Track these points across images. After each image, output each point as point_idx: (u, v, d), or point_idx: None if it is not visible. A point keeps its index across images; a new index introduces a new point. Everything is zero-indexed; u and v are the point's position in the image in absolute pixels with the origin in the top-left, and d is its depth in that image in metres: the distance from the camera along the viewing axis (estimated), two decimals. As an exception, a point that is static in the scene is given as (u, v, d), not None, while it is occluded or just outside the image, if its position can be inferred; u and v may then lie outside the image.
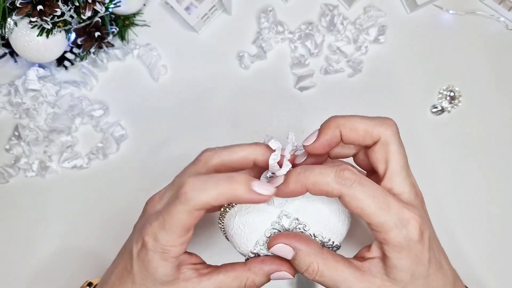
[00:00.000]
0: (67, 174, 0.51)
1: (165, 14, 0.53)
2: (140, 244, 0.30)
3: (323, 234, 0.31)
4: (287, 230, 0.30)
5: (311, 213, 0.31)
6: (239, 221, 0.31)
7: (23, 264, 0.50)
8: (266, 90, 0.52)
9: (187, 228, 0.29)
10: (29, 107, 0.51)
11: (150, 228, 0.30)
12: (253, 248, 0.32)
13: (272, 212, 0.31)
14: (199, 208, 0.28)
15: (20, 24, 0.43)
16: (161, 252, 0.29)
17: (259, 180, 0.29)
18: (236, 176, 0.28)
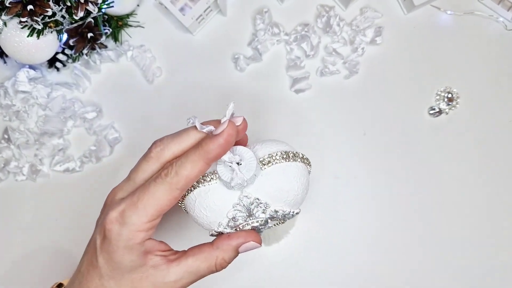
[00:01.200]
0: (59, 177, 0.50)
1: (159, 15, 0.53)
2: (102, 235, 0.30)
3: (284, 208, 0.32)
4: (249, 209, 0.31)
5: (270, 191, 0.31)
6: (200, 205, 0.32)
7: (14, 269, 0.49)
8: (262, 92, 0.51)
9: (161, 209, 0.29)
10: (20, 109, 0.50)
11: (114, 213, 0.29)
12: (216, 228, 0.32)
13: (232, 194, 0.31)
14: (182, 186, 0.29)
15: (9, 24, 0.42)
16: (125, 239, 0.29)
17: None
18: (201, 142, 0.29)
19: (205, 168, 0.29)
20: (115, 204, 0.30)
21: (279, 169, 0.32)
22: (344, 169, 0.50)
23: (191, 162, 0.29)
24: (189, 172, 0.29)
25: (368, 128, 0.51)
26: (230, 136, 0.29)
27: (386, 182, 0.50)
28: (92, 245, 0.31)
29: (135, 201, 0.29)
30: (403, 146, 0.50)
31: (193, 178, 0.29)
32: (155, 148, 0.32)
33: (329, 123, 0.51)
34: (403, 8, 0.52)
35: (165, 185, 0.29)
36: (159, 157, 0.31)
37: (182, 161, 0.29)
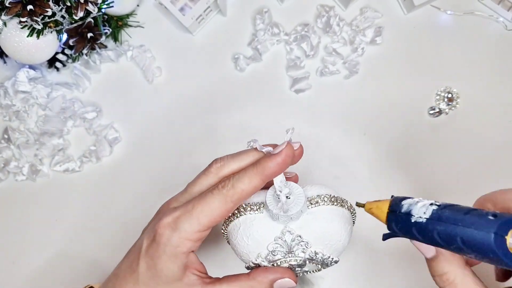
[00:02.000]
0: (58, 177, 0.50)
1: (159, 15, 0.53)
2: (151, 239, 0.30)
3: (324, 252, 0.32)
4: (290, 246, 0.31)
5: (314, 231, 0.31)
6: (243, 233, 0.32)
7: (13, 269, 0.49)
8: (262, 92, 0.51)
9: (214, 220, 0.30)
10: (19, 109, 0.50)
11: (168, 218, 0.30)
12: (254, 259, 0.32)
13: (276, 227, 0.31)
14: (236, 199, 0.30)
15: (9, 24, 0.42)
16: (174, 245, 0.29)
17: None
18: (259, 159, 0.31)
19: (260, 184, 0.30)
20: (169, 211, 0.31)
21: (326, 211, 0.32)
22: (344, 169, 0.50)
23: (248, 177, 0.30)
24: (245, 186, 0.30)
25: (368, 128, 0.50)
26: (287, 156, 0.30)
27: (386, 182, 0.50)
28: (136, 249, 0.32)
29: (189, 209, 0.30)
30: (403, 146, 0.50)
31: (248, 193, 0.30)
32: (215, 164, 0.33)
33: (329, 123, 0.51)
34: (403, 8, 0.52)
35: (220, 196, 0.30)
36: (218, 172, 0.32)
37: (239, 176, 0.30)
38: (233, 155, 0.33)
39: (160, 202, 0.51)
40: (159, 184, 0.50)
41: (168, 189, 0.50)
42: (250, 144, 0.32)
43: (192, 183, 0.33)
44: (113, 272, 0.33)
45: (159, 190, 0.50)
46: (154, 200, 0.50)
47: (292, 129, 0.32)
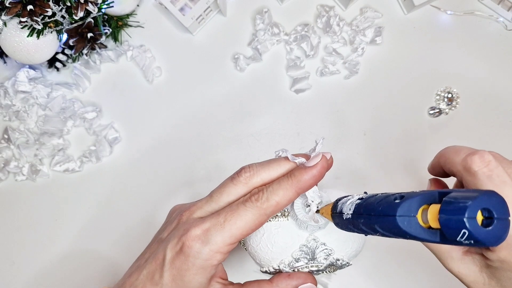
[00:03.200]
0: (58, 177, 0.50)
1: (159, 15, 0.52)
2: (177, 250, 0.29)
3: (344, 258, 0.32)
4: (313, 253, 0.32)
5: (337, 239, 0.32)
6: (267, 240, 0.32)
7: (13, 269, 0.49)
8: (262, 92, 0.51)
9: (246, 233, 0.29)
10: (19, 109, 0.50)
11: (196, 230, 0.29)
12: (276, 265, 0.32)
13: (301, 235, 0.32)
14: (270, 212, 0.29)
15: (9, 24, 0.42)
16: (204, 259, 0.28)
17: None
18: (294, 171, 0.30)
19: (295, 197, 0.29)
20: (196, 222, 0.29)
21: None
22: (344, 169, 0.50)
23: (283, 190, 0.29)
24: (280, 199, 0.29)
25: (368, 128, 0.50)
26: (323, 168, 0.29)
27: (386, 182, 0.50)
28: (158, 260, 0.30)
29: (221, 221, 0.29)
30: (403, 146, 0.50)
31: (283, 206, 0.29)
32: (245, 173, 0.31)
33: (329, 123, 0.51)
34: (403, 8, 0.52)
35: (254, 210, 0.29)
36: (247, 182, 0.31)
37: (274, 188, 0.29)
38: (263, 164, 0.31)
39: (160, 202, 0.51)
40: (159, 183, 0.50)
41: (168, 189, 0.50)
42: (278, 154, 0.31)
43: (219, 191, 0.31)
44: (127, 282, 0.31)
45: (159, 189, 0.50)
46: (154, 199, 0.50)
47: (323, 139, 0.31)
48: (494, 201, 0.20)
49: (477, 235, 0.19)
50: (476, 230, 0.19)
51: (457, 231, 0.20)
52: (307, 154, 0.31)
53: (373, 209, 0.24)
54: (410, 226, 0.22)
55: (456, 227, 0.20)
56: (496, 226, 0.20)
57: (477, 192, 0.20)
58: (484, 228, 0.20)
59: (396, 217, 0.22)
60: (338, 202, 0.29)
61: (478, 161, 0.28)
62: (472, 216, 0.19)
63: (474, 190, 0.21)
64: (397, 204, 0.22)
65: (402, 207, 0.22)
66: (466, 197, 0.20)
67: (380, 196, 0.25)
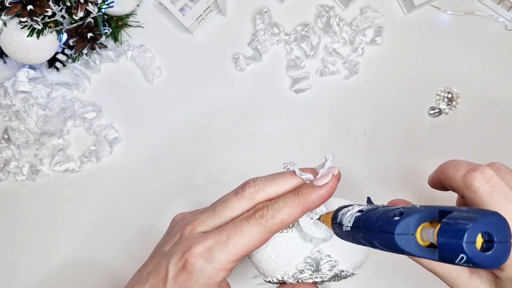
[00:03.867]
0: (58, 177, 0.50)
1: (159, 15, 0.52)
2: (180, 267, 0.28)
3: (349, 269, 0.32)
4: (318, 264, 0.31)
5: (342, 251, 0.32)
6: (272, 251, 0.31)
7: (13, 269, 0.49)
8: (262, 92, 0.51)
9: (250, 250, 0.28)
10: (19, 109, 0.50)
11: (199, 248, 0.28)
12: (280, 276, 0.32)
13: (306, 247, 0.31)
14: (275, 230, 0.28)
15: (9, 24, 0.42)
16: (207, 276, 0.28)
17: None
18: (301, 189, 0.29)
19: (300, 215, 0.29)
20: (199, 238, 0.29)
21: None
22: (344, 169, 0.50)
23: (290, 208, 0.28)
24: (286, 217, 0.28)
25: (368, 128, 0.50)
26: (332, 189, 0.29)
27: (386, 182, 0.50)
28: (160, 275, 0.29)
29: (224, 239, 0.28)
30: (403, 146, 0.50)
31: (287, 224, 0.29)
32: (249, 189, 0.30)
33: (329, 123, 0.51)
34: (403, 8, 0.52)
35: (259, 227, 0.28)
36: (252, 197, 0.30)
37: (279, 205, 0.28)
38: (268, 178, 0.30)
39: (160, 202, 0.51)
40: (159, 184, 0.50)
41: (168, 188, 0.50)
42: (286, 167, 0.31)
43: (222, 205, 0.30)
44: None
45: (159, 190, 0.50)
46: (154, 199, 0.50)
47: (333, 156, 0.30)
48: (495, 223, 0.19)
49: (476, 260, 0.19)
50: (475, 255, 0.19)
51: (455, 254, 0.19)
52: (315, 169, 0.30)
53: (372, 224, 0.24)
54: (408, 244, 0.22)
55: (454, 250, 0.19)
56: (496, 250, 0.19)
57: (478, 213, 0.19)
58: (483, 253, 0.19)
59: (394, 234, 0.22)
60: (338, 213, 0.28)
61: (479, 177, 0.27)
62: (471, 240, 0.19)
63: (475, 210, 0.20)
64: (396, 221, 0.22)
65: (401, 225, 0.22)
66: (466, 219, 0.19)
67: (379, 210, 0.25)
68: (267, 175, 0.31)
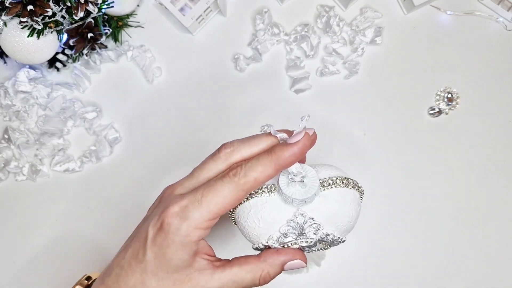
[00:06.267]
0: (59, 177, 0.50)
1: (159, 15, 0.53)
2: (158, 228, 0.29)
3: (335, 233, 0.32)
4: (301, 228, 0.31)
5: (326, 213, 0.31)
6: (254, 215, 0.31)
7: (14, 269, 0.49)
8: (262, 92, 0.51)
9: (224, 209, 0.29)
10: (20, 109, 0.50)
11: (175, 207, 0.29)
12: (265, 241, 0.32)
13: (288, 210, 0.31)
14: (248, 188, 0.29)
15: (9, 24, 0.42)
16: (183, 235, 0.29)
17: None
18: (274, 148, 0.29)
19: (274, 173, 0.29)
20: (175, 199, 0.30)
21: (338, 193, 0.32)
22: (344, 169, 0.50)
23: (262, 166, 0.29)
24: (259, 175, 0.29)
25: (368, 129, 0.50)
26: (305, 146, 0.29)
27: (386, 182, 0.50)
28: (141, 238, 0.30)
29: (198, 197, 0.29)
30: (403, 146, 0.50)
31: (261, 182, 0.29)
32: (225, 149, 0.31)
33: (329, 123, 0.51)
34: (403, 8, 0.52)
35: (232, 185, 0.29)
36: (227, 158, 0.31)
37: (252, 163, 0.29)
38: (244, 140, 0.31)
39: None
40: (159, 184, 0.50)
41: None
42: (264, 129, 0.31)
43: (199, 168, 0.32)
44: (115, 262, 0.32)
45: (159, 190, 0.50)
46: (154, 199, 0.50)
47: (308, 116, 0.30)
48: None
49: None
50: None
51: None
52: (290, 130, 0.31)
53: None
54: None
55: None
56: None
57: None
58: None
59: None
60: None
61: None
62: None
63: None
64: None
65: None
66: None
67: None
68: (244, 137, 0.32)
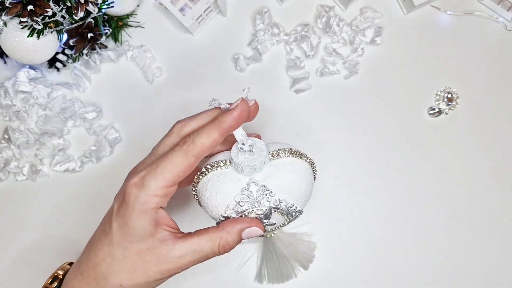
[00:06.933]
0: (59, 177, 0.50)
1: (159, 15, 0.53)
2: (121, 199, 0.32)
3: (287, 200, 0.34)
4: (255, 196, 0.34)
5: (276, 181, 0.34)
6: (212, 187, 0.34)
7: (13, 269, 0.49)
8: (262, 92, 0.51)
9: (178, 175, 0.32)
10: (20, 109, 0.50)
11: (135, 178, 0.32)
12: (223, 212, 0.34)
13: (242, 179, 0.34)
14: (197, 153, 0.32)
15: (10, 24, 0.42)
16: (141, 202, 0.31)
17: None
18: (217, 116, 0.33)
19: (218, 138, 0.32)
20: (136, 173, 0.33)
21: (286, 162, 0.35)
22: (344, 169, 0.50)
23: (207, 132, 0.32)
24: (204, 140, 0.32)
25: (368, 128, 0.51)
26: (242, 110, 0.33)
27: (386, 182, 0.50)
28: (109, 213, 0.34)
29: (154, 167, 0.32)
30: (403, 146, 0.50)
31: (208, 146, 0.32)
32: (177, 125, 0.35)
33: (329, 123, 0.51)
34: (403, 8, 0.52)
35: (181, 152, 0.32)
36: (179, 132, 0.34)
37: (199, 131, 0.32)
38: (194, 115, 0.35)
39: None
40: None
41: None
42: (211, 103, 0.35)
43: (157, 145, 0.35)
44: (89, 240, 0.35)
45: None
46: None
47: (248, 88, 0.34)
48: None
49: None
50: None
51: None
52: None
53: None
54: None
55: None
56: None
57: None
58: None
59: None
60: None
61: None
62: None
63: None
64: None
65: None
66: None
67: None
68: (194, 114, 0.35)
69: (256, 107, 0.35)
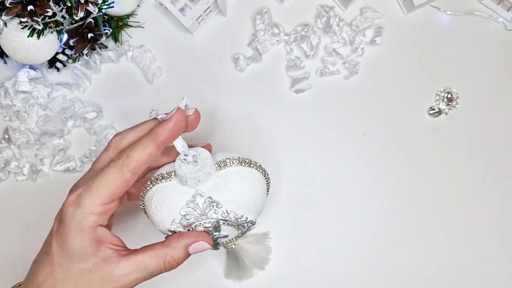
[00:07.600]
0: (59, 177, 0.50)
1: (160, 15, 0.53)
2: (59, 219, 0.31)
3: (236, 211, 0.33)
4: (202, 208, 0.32)
5: (223, 192, 0.33)
6: (156, 201, 0.33)
7: (14, 270, 0.49)
8: (262, 92, 0.51)
9: (114, 192, 0.30)
10: (20, 110, 0.50)
11: (71, 197, 0.31)
12: (170, 226, 0.33)
13: (187, 192, 0.32)
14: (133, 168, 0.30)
15: (10, 24, 0.42)
16: (78, 221, 0.30)
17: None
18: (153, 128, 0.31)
19: (154, 151, 0.31)
20: (74, 190, 0.32)
21: (234, 172, 0.33)
22: (344, 169, 0.50)
23: (142, 145, 0.31)
24: (140, 154, 0.30)
25: (368, 128, 0.51)
26: (178, 120, 0.31)
27: (386, 182, 0.50)
28: (50, 232, 0.33)
29: (90, 184, 0.31)
30: (403, 146, 0.50)
31: (144, 160, 0.31)
32: (115, 138, 0.33)
33: (329, 123, 0.51)
34: (403, 8, 0.52)
35: (116, 168, 0.30)
36: (117, 146, 0.33)
37: (134, 145, 0.31)
38: (132, 127, 0.34)
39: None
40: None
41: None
42: (151, 114, 0.34)
43: (96, 160, 0.34)
44: (33, 260, 0.34)
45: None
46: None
47: (187, 97, 0.33)
48: None
49: None
50: None
51: None
52: None
53: None
54: None
55: None
56: None
57: None
58: None
59: None
60: None
61: None
62: None
63: None
64: None
65: None
66: None
67: None
68: (132, 126, 0.34)
69: (196, 115, 0.33)
